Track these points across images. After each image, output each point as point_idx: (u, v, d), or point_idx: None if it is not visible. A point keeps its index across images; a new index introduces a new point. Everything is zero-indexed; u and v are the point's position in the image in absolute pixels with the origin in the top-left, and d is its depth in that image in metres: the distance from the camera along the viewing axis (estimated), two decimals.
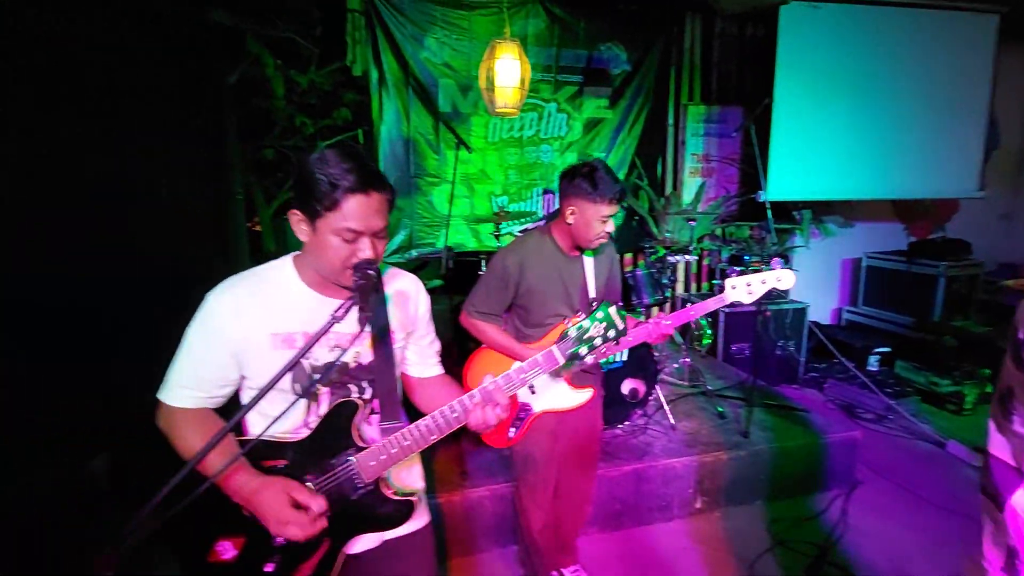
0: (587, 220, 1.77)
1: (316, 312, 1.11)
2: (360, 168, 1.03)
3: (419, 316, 1.30)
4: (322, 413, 1.15)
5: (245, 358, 1.11)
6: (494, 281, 1.87)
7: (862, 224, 5.05)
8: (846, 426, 3.03)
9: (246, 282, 1.13)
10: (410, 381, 1.36)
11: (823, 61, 3.95)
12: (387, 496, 1.16)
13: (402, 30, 3.92)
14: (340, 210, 1.01)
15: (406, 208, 4.16)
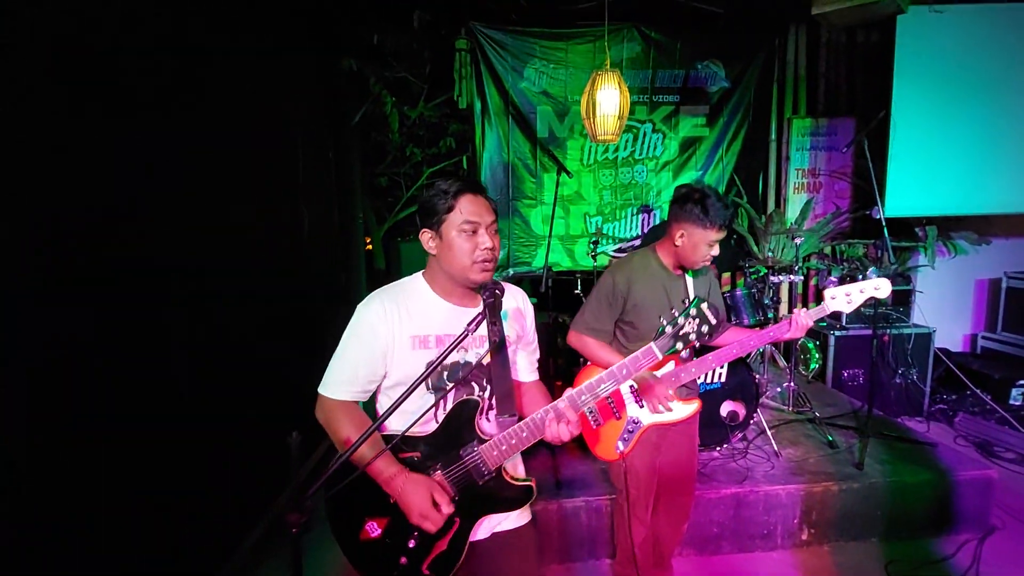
0: (695, 244, 1.84)
1: (447, 318, 1.32)
2: (463, 178, 1.33)
3: (527, 325, 1.48)
4: (447, 409, 1.31)
5: (391, 356, 1.30)
6: (604, 297, 1.97)
7: (1001, 240, 4.52)
8: (979, 464, 2.75)
9: (389, 293, 1.34)
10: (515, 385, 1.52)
11: (948, 67, 3.65)
12: (509, 482, 1.32)
13: (503, 63, 4.19)
14: (456, 209, 1.25)
15: (504, 229, 4.39)
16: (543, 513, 2.49)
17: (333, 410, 1.31)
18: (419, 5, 3.95)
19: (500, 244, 1.32)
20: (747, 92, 4.38)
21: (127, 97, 1.76)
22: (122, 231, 1.72)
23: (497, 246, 1.30)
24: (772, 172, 4.51)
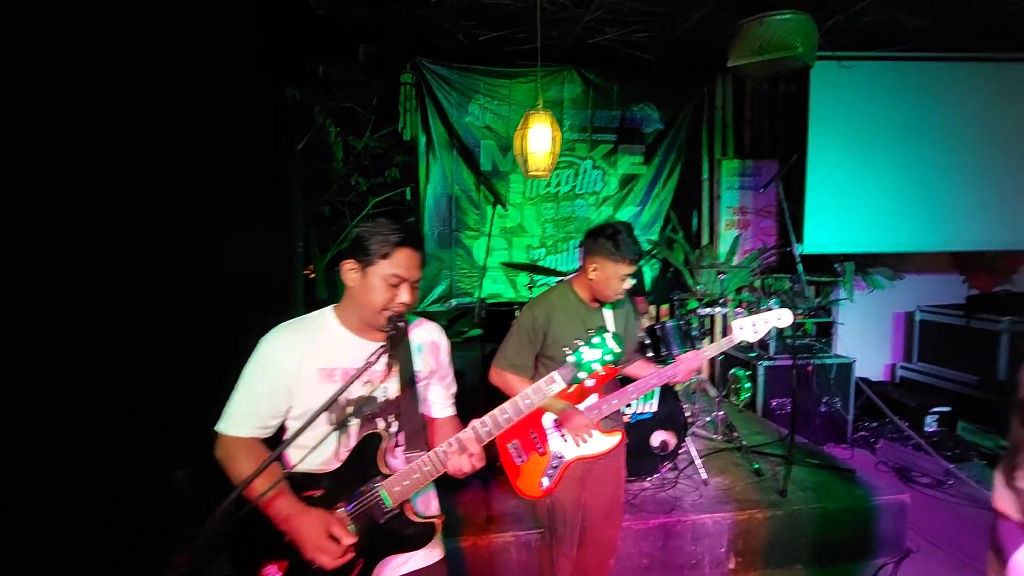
0: (608, 277, 1.91)
1: (354, 352, 1.30)
2: (411, 228, 1.30)
3: (441, 360, 1.48)
4: (352, 446, 1.29)
5: (296, 390, 1.27)
6: (524, 332, 1.98)
7: (916, 276, 4.86)
8: (894, 489, 2.87)
9: (295, 326, 1.33)
10: (425, 421, 1.48)
11: (858, 115, 3.97)
12: (411, 519, 1.28)
13: (448, 98, 4.28)
14: (391, 259, 1.24)
15: (447, 260, 4.40)
16: (472, 550, 2.42)
17: (232, 447, 1.27)
18: (365, 39, 4.00)
19: (417, 298, 1.34)
20: (680, 134, 4.62)
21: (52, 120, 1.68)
22: None
23: (414, 301, 1.31)
24: (705, 209, 4.73)
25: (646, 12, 3.39)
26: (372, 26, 3.74)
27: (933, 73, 3.98)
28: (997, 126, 4.12)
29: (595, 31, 3.72)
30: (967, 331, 4.26)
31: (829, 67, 3.84)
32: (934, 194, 4.13)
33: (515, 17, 3.39)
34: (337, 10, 3.46)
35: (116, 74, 1.93)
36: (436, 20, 3.52)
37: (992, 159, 4.12)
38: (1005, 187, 4.18)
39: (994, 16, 3.41)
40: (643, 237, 4.62)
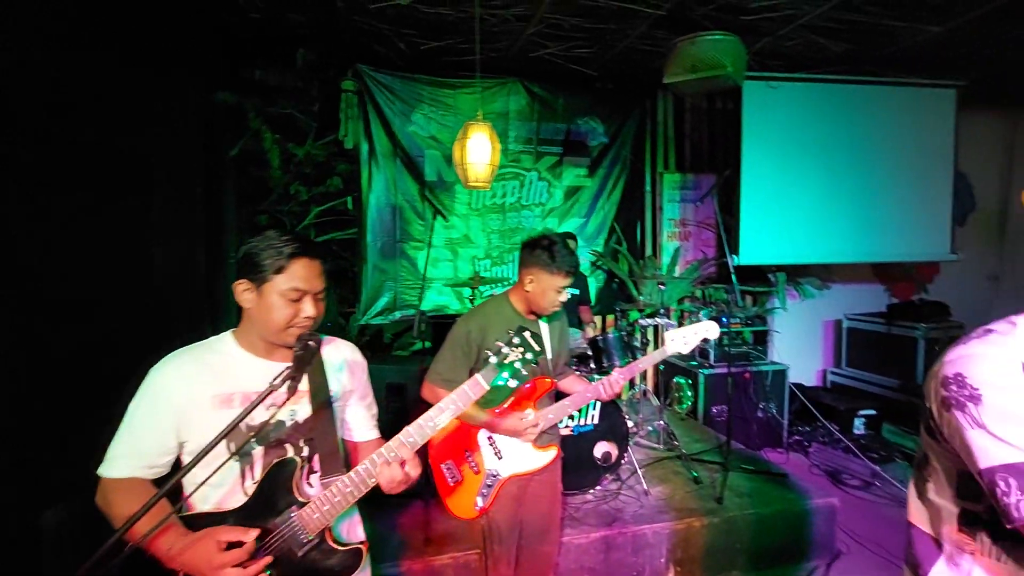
0: (544, 289, 1.88)
1: (255, 374, 1.20)
2: (302, 238, 1.20)
3: (357, 380, 1.38)
4: (257, 478, 1.18)
5: (187, 421, 1.16)
6: (458, 347, 1.92)
7: (844, 285, 5.14)
8: (824, 492, 2.98)
9: (187, 353, 1.22)
10: (348, 446, 1.41)
11: (786, 132, 4.18)
12: (333, 547, 1.19)
13: (392, 107, 4.21)
14: (287, 272, 1.15)
15: (391, 271, 4.30)
16: (409, 574, 2.33)
17: (114, 491, 1.14)
18: (304, 44, 3.88)
19: (325, 309, 1.25)
20: (623, 147, 4.71)
21: None
22: None
23: (320, 313, 1.22)
24: (648, 221, 4.84)
25: (586, 28, 3.45)
26: (311, 31, 3.63)
27: (853, 95, 4.24)
28: (909, 145, 4.42)
29: (537, 45, 3.75)
30: (888, 337, 4.52)
31: (759, 87, 4.02)
32: (856, 208, 4.39)
33: (456, 28, 3.37)
34: (272, 14, 3.34)
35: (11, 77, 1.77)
36: (376, 28, 3.45)
37: (905, 176, 4.42)
38: (918, 203, 4.49)
39: (903, 44, 3.66)
40: (588, 248, 4.67)
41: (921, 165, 4.50)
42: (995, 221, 5.58)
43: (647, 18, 3.22)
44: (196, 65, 3.40)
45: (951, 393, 0.73)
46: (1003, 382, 0.70)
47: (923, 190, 4.52)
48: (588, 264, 4.68)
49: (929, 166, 4.53)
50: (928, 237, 4.54)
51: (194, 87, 3.43)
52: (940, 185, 4.51)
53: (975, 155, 5.28)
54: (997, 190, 5.59)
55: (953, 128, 4.51)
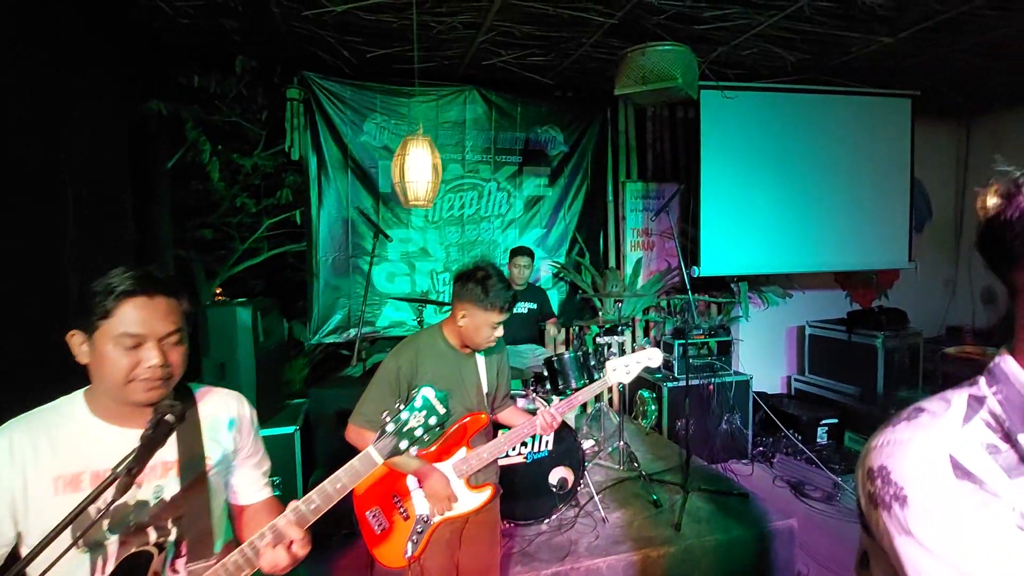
0: (477, 325, 1.77)
1: (108, 447, 1.02)
2: (143, 273, 1.02)
3: (244, 438, 1.22)
4: (110, 571, 1.00)
5: (23, 508, 0.99)
6: (386, 385, 1.78)
7: (807, 292, 5.14)
8: (782, 515, 2.91)
9: (25, 423, 1.03)
10: (234, 510, 1.25)
11: (745, 142, 4.14)
12: None
13: (342, 116, 4.03)
14: (117, 315, 0.98)
15: (344, 287, 4.12)
16: None
17: None
18: (242, 50, 3.68)
19: (184, 356, 1.06)
20: (584, 156, 4.62)
21: None
22: None
23: (177, 362, 1.05)
24: (611, 231, 4.76)
25: (539, 36, 3.34)
26: (248, 38, 3.44)
27: (811, 104, 4.23)
28: (867, 155, 4.44)
29: (491, 53, 3.63)
30: (848, 345, 4.53)
31: (716, 97, 3.97)
32: (815, 218, 4.38)
33: (402, 34, 3.22)
34: (203, 21, 3.13)
35: None
36: (318, 35, 3.28)
37: (863, 185, 4.44)
38: (876, 211, 4.51)
39: (856, 54, 3.65)
40: (550, 259, 4.57)
41: (879, 174, 4.52)
42: (950, 229, 5.67)
43: (599, 27, 3.12)
44: (121, 70, 3.18)
45: (876, 489, 0.63)
46: (931, 481, 0.60)
47: (881, 199, 4.54)
48: (550, 276, 4.57)
49: (887, 175, 4.56)
50: (886, 246, 4.56)
51: (120, 94, 3.21)
52: (898, 194, 4.54)
53: (931, 164, 5.36)
54: (952, 198, 5.68)
55: (909, 137, 4.55)
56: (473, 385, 1.92)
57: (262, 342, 3.25)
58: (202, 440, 1.13)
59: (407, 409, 1.13)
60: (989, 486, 0.57)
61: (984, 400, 0.64)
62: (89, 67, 2.85)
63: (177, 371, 1.06)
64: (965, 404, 0.64)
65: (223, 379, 3.11)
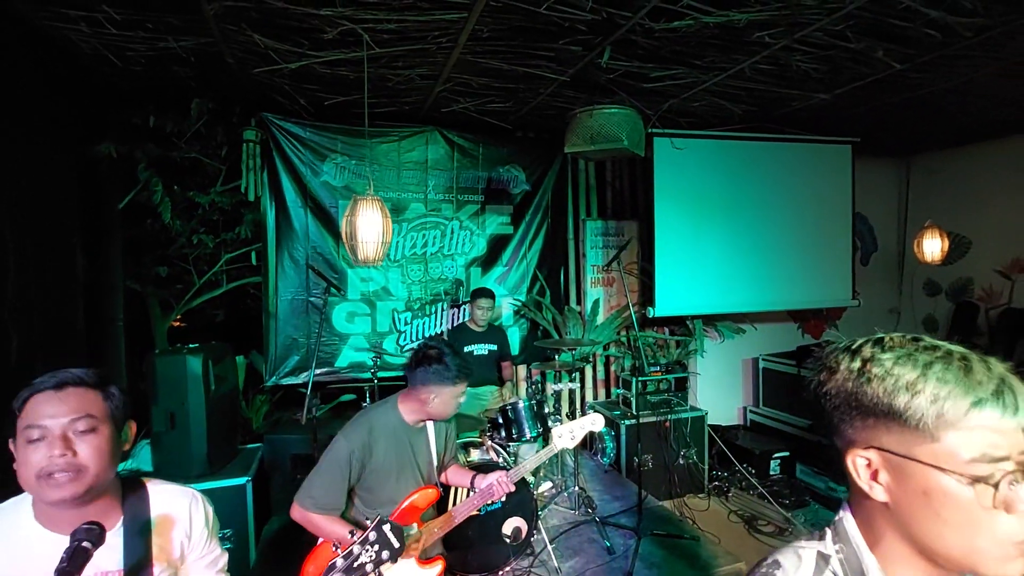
0: (446, 401, 1.85)
1: (45, 557, 1.01)
2: (63, 372, 1.06)
3: (191, 540, 1.22)
4: None
5: None
6: (338, 468, 1.77)
7: (756, 327, 5.32)
8: (732, 557, 2.99)
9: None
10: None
11: (697, 187, 4.30)
12: None
13: (301, 156, 4.03)
14: (23, 412, 1.02)
15: (302, 327, 4.09)
16: None
17: None
18: (198, 94, 3.65)
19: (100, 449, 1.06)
20: (546, 195, 4.72)
21: None
22: None
23: (88, 453, 1.04)
24: (572, 268, 4.85)
25: (496, 87, 3.42)
26: (203, 83, 3.43)
27: (758, 151, 4.43)
28: (811, 199, 4.67)
29: (450, 100, 3.70)
30: (798, 379, 4.70)
31: (668, 144, 4.12)
32: (764, 260, 4.56)
33: (360, 84, 3.26)
34: (156, 70, 3.12)
35: None
36: (274, 82, 3.29)
37: (809, 228, 4.65)
38: (821, 253, 4.73)
39: (797, 107, 3.85)
40: (511, 297, 4.62)
41: (823, 217, 4.75)
42: (894, 259, 5.98)
43: (552, 82, 3.23)
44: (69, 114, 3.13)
45: None
46: None
47: (826, 241, 4.76)
48: (511, 314, 4.62)
49: (830, 217, 4.79)
50: (831, 285, 4.77)
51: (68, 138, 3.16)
52: (841, 235, 4.77)
53: (875, 199, 5.66)
54: (895, 230, 6.00)
55: (851, 181, 4.80)
56: (425, 460, 1.96)
57: (214, 390, 3.19)
58: (150, 547, 1.13)
59: (360, 544, 1.16)
60: None
61: (829, 560, 0.70)
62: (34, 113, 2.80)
63: (92, 463, 1.04)
64: (814, 563, 0.71)
65: (173, 429, 3.04)
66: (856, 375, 0.66)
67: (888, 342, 0.66)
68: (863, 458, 0.66)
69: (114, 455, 1.10)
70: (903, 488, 0.63)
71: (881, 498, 0.66)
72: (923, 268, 5.14)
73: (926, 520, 0.62)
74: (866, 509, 0.70)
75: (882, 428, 0.64)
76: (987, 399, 0.59)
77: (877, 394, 0.63)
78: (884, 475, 0.65)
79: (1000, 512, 0.58)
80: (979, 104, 3.91)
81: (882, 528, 0.68)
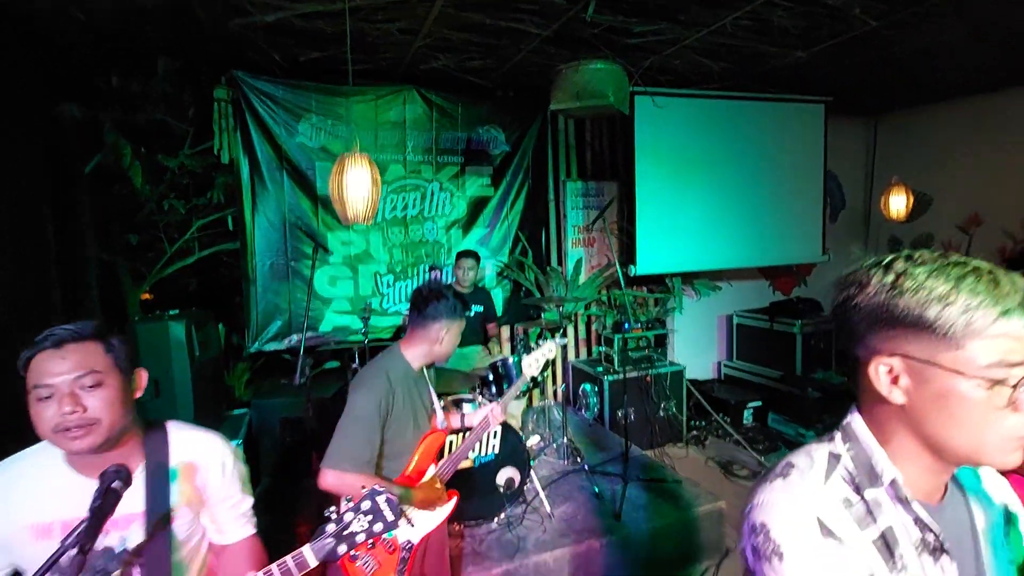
0: (454, 337, 1.89)
1: (75, 498, 1.06)
2: (61, 329, 1.07)
3: (215, 485, 1.24)
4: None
5: (8, 549, 1.08)
6: (368, 421, 1.73)
7: (732, 284, 5.49)
8: (712, 497, 3.17)
9: (7, 469, 1.11)
10: (213, 548, 1.29)
11: (675, 146, 4.35)
12: None
13: (275, 116, 3.89)
14: (29, 372, 1.04)
15: (284, 292, 4.03)
16: None
17: None
18: (165, 52, 3.47)
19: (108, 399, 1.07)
20: (526, 156, 4.69)
21: None
22: None
23: (98, 406, 1.05)
24: (553, 229, 4.88)
25: (477, 43, 3.35)
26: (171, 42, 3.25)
27: (734, 110, 4.49)
28: (785, 157, 4.78)
29: (429, 56, 3.61)
30: (771, 333, 4.91)
31: (649, 102, 4.13)
32: (739, 217, 4.68)
33: (337, 39, 3.15)
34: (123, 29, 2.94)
35: None
36: (248, 37, 3.15)
37: (782, 186, 4.78)
38: (793, 210, 4.87)
39: (774, 65, 3.90)
40: (494, 259, 4.64)
41: (796, 175, 4.87)
42: (860, 216, 6.20)
43: (535, 37, 3.18)
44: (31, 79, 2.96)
45: (759, 543, 0.74)
46: (802, 540, 0.72)
47: (798, 198, 4.90)
48: (494, 275, 4.65)
49: (803, 176, 4.92)
50: (803, 241, 4.94)
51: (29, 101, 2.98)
52: (813, 193, 4.91)
53: (843, 158, 5.82)
54: (863, 188, 6.20)
55: (823, 140, 4.91)
56: (429, 403, 2.00)
57: (198, 356, 3.16)
58: (169, 489, 1.15)
59: (352, 511, 1.14)
60: (846, 542, 0.70)
61: (840, 458, 0.77)
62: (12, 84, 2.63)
63: (106, 416, 1.06)
64: (826, 462, 0.77)
65: (158, 396, 3.01)
66: (889, 288, 0.70)
67: (919, 258, 0.70)
68: (886, 365, 0.71)
69: (125, 403, 1.11)
70: (921, 391, 0.69)
71: (899, 401, 0.71)
72: (888, 225, 5.36)
73: (940, 419, 0.69)
74: (879, 412, 0.76)
75: (909, 336, 0.69)
76: (1014, 309, 0.65)
77: (909, 305, 0.68)
78: (905, 380, 0.70)
79: (1008, 411, 0.65)
80: (947, 64, 4.02)
81: (894, 428, 0.74)
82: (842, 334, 0.78)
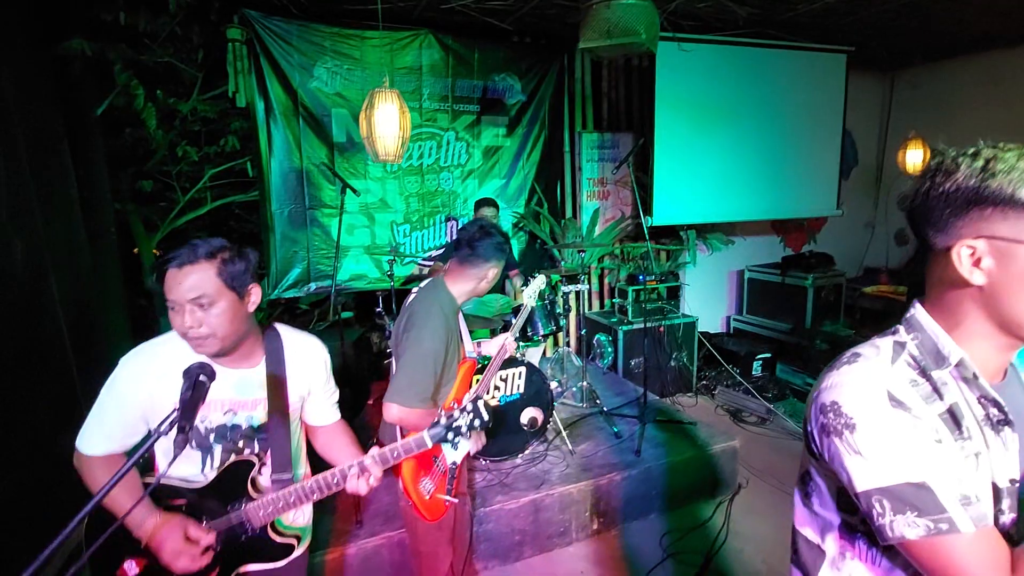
0: (496, 275, 1.93)
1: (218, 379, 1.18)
2: (186, 247, 1.21)
3: (317, 377, 1.46)
4: (216, 465, 1.30)
5: (152, 413, 1.25)
6: (434, 356, 1.73)
7: (745, 239, 5.51)
8: (726, 435, 3.28)
9: (148, 351, 1.28)
10: (311, 430, 1.54)
11: (696, 95, 4.28)
12: (272, 539, 1.33)
13: (289, 59, 3.80)
14: (163, 284, 1.20)
15: (302, 240, 4.03)
16: (337, 560, 2.32)
17: (88, 467, 1.27)
18: None
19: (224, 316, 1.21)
20: (542, 106, 4.62)
21: None
22: None
23: (213, 323, 1.20)
24: (568, 181, 4.85)
25: None
26: None
27: (757, 59, 4.39)
28: (804, 108, 4.71)
29: None
30: (782, 287, 4.95)
31: (672, 49, 4.04)
32: (757, 169, 4.65)
33: None
34: None
35: None
36: None
37: (801, 138, 4.73)
38: (811, 163, 4.84)
39: (802, 10, 3.80)
40: (510, 210, 4.63)
41: (815, 127, 4.82)
42: (872, 174, 6.17)
43: None
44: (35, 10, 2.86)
45: (829, 421, 0.79)
46: (873, 410, 0.76)
47: (816, 151, 4.86)
48: (510, 226, 4.65)
49: (822, 128, 4.86)
50: (819, 194, 4.93)
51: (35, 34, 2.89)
52: (830, 146, 4.87)
53: (857, 114, 5.73)
54: (875, 146, 6.15)
55: (843, 93, 4.84)
56: (467, 337, 2.05)
57: None
58: (286, 380, 1.36)
59: (459, 411, 1.37)
60: (915, 411, 0.75)
61: (905, 345, 0.81)
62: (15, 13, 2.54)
63: (219, 330, 1.21)
64: (891, 349, 0.81)
65: None
66: (980, 171, 0.72)
67: (1003, 146, 0.73)
68: (969, 248, 0.74)
69: (237, 318, 1.25)
70: (1005, 270, 0.73)
71: (979, 282, 0.75)
72: (899, 182, 5.34)
73: (1020, 295, 0.72)
74: (951, 299, 0.79)
75: (998, 217, 0.72)
76: None
77: (1002, 185, 0.71)
78: (988, 261, 0.74)
79: None
80: (970, 12, 3.93)
81: (967, 310, 0.78)
82: (920, 224, 0.80)
